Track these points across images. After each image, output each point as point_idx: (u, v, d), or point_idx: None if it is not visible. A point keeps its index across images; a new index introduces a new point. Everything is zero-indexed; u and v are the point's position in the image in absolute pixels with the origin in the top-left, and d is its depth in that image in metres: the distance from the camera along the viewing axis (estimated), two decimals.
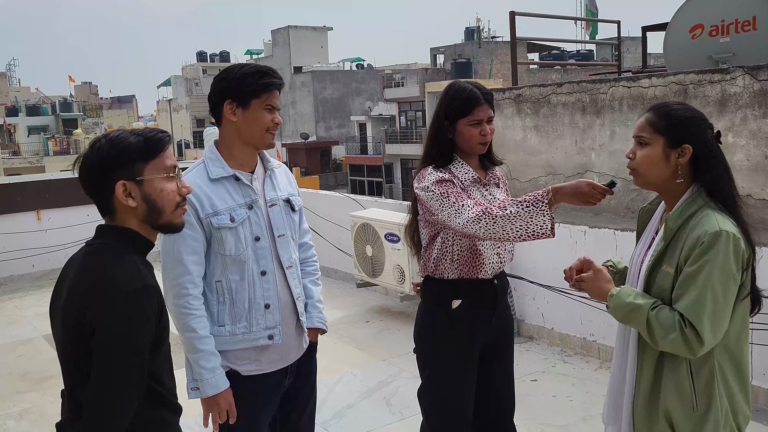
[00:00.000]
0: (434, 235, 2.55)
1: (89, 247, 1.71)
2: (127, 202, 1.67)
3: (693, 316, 1.80)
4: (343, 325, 5.85)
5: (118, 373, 1.58)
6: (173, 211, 1.74)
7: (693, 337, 1.79)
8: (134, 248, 1.70)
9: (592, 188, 2.20)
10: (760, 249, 3.81)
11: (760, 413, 3.81)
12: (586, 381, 4.48)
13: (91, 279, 1.62)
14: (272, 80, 2.30)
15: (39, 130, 53.34)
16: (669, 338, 1.81)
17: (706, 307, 1.79)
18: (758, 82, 4.39)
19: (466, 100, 2.47)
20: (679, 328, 1.81)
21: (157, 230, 1.75)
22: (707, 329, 1.79)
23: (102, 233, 1.72)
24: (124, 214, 1.70)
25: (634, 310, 1.89)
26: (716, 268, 1.80)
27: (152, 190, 1.69)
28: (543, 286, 5.03)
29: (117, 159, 1.65)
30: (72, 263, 1.72)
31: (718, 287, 1.80)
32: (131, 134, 1.70)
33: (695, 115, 1.96)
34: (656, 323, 1.84)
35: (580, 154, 5.62)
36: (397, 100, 38.45)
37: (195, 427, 3.83)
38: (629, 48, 34.15)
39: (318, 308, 2.61)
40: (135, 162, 1.66)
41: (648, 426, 1.96)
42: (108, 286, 1.59)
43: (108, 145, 1.66)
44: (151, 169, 1.68)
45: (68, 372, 1.67)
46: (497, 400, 2.73)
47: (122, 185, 1.65)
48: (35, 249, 7.72)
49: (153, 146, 1.69)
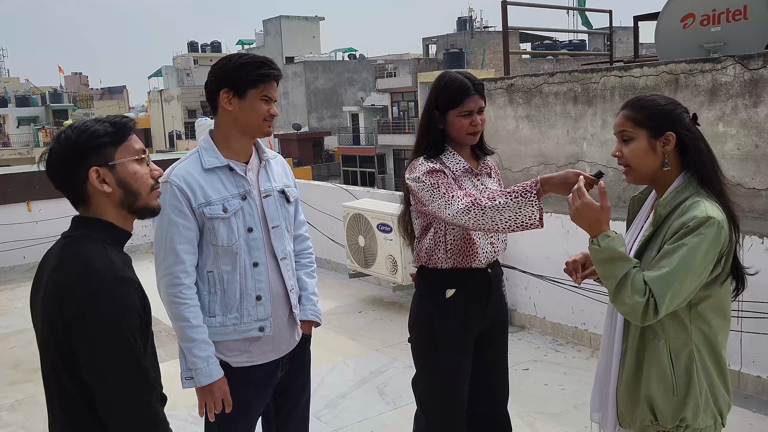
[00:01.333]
0: (427, 225, 2.56)
1: (66, 239, 1.69)
2: (102, 188, 1.65)
3: (659, 290, 1.81)
4: (336, 315, 5.86)
5: (121, 364, 1.57)
6: (149, 194, 1.72)
7: (651, 309, 1.81)
8: (111, 239, 1.69)
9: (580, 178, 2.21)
10: (750, 237, 3.83)
11: (749, 400, 3.85)
12: (577, 370, 4.51)
13: (70, 273, 1.60)
14: (270, 71, 2.29)
15: (29, 121, 53.00)
16: (633, 300, 1.82)
17: (673, 284, 1.81)
18: (749, 72, 4.40)
19: (457, 91, 2.47)
20: (646, 295, 1.82)
21: (134, 215, 1.74)
22: (664, 305, 1.81)
23: (78, 225, 1.70)
24: (100, 202, 1.68)
25: (621, 259, 1.87)
26: (694, 249, 1.81)
27: (126, 174, 1.67)
28: (535, 275, 5.05)
29: (87, 145, 1.63)
30: (49, 257, 1.70)
31: (690, 266, 1.81)
32: (96, 121, 1.68)
33: (670, 101, 1.99)
34: (629, 282, 1.84)
35: (572, 144, 5.63)
36: (389, 90, 38.37)
37: (188, 418, 3.85)
38: (621, 38, 34.16)
39: (312, 301, 2.59)
40: (105, 147, 1.65)
41: (630, 410, 1.99)
42: (89, 279, 1.58)
43: (76, 134, 1.65)
44: (121, 152, 1.67)
45: (52, 366, 1.65)
46: (491, 388, 2.74)
47: (95, 171, 1.64)
48: (26, 240, 7.69)
49: (121, 130, 1.68)
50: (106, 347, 1.56)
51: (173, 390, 2.35)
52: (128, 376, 1.58)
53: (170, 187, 2.25)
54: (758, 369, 3.91)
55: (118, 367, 1.57)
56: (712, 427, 1.94)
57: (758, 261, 3.55)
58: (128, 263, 1.70)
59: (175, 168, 2.32)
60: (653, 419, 1.94)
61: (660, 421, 1.93)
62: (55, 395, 1.68)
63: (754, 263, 2.19)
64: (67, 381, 1.62)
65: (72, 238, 1.68)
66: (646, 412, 1.95)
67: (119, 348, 1.57)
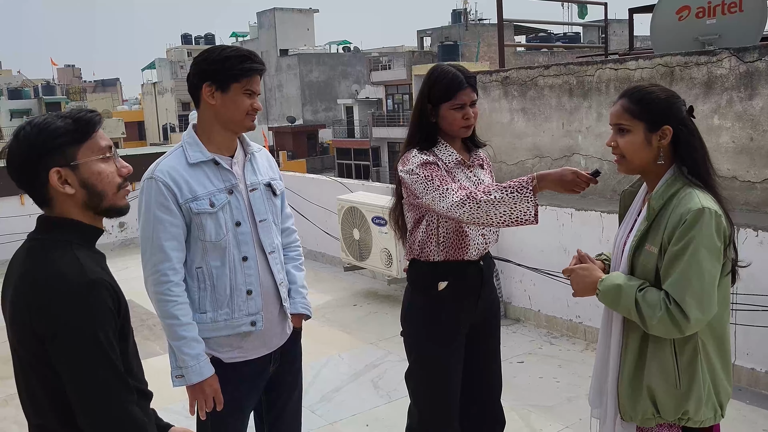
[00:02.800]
0: (419, 218, 2.54)
1: (31, 243, 1.60)
2: (64, 190, 1.56)
3: (677, 293, 1.82)
4: (331, 308, 5.85)
5: (94, 372, 1.51)
6: (115, 194, 1.63)
7: (679, 315, 1.81)
8: (81, 239, 1.60)
9: (576, 176, 2.21)
10: (744, 230, 3.84)
11: (742, 392, 3.86)
12: (572, 362, 4.51)
13: (37, 283, 1.52)
14: (253, 65, 2.24)
15: (21, 114, 52.64)
16: (657, 317, 1.83)
17: (690, 283, 1.81)
18: (744, 64, 4.40)
19: (449, 84, 2.46)
20: (664, 306, 1.82)
21: (101, 215, 1.65)
22: (692, 306, 1.81)
23: (43, 227, 1.61)
24: (63, 203, 1.58)
25: (623, 293, 1.90)
26: (701, 245, 1.82)
27: (89, 174, 1.57)
28: (530, 268, 5.05)
29: (46, 145, 1.53)
30: (15, 263, 1.61)
31: (703, 264, 1.82)
32: (58, 117, 1.57)
33: (669, 94, 1.97)
34: (644, 303, 1.86)
35: (566, 137, 5.62)
36: (383, 83, 38.29)
37: (183, 412, 3.84)
38: (615, 31, 34.14)
39: (302, 294, 2.57)
40: (67, 146, 1.55)
41: (632, 404, 1.98)
42: (57, 288, 1.50)
43: (35, 132, 1.54)
44: (84, 152, 1.57)
45: (25, 376, 1.60)
46: (484, 381, 2.74)
47: (56, 172, 1.54)
48: (19, 234, 7.63)
49: (84, 127, 1.57)
50: (82, 359, 1.50)
51: (168, 384, 2.34)
52: (107, 385, 1.53)
53: (155, 184, 2.21)
54: (752, 361, 3.92)
55: (95, 376, 1.51)
56: (712, 419, 1.95)
57: (752, 254, 3.55)
58: (100, 262, 1.63)
59: (159, 164, 2.27)
60: (655, 412, 1.94)
61: (662, 414, 1.94)
62: (30, 410, 1.63)
63: (748, 256, 2.19)
64: (41, 393, 1.58)
65: (38, 241, 1.59)
66: (648, 405, 1.95)
67: (96, 358, 1.51)
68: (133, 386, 1.61)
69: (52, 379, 1.54)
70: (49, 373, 1.54)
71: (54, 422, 1.58)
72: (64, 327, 1.49)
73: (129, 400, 1.56)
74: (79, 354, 1.50)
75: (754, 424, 3.59)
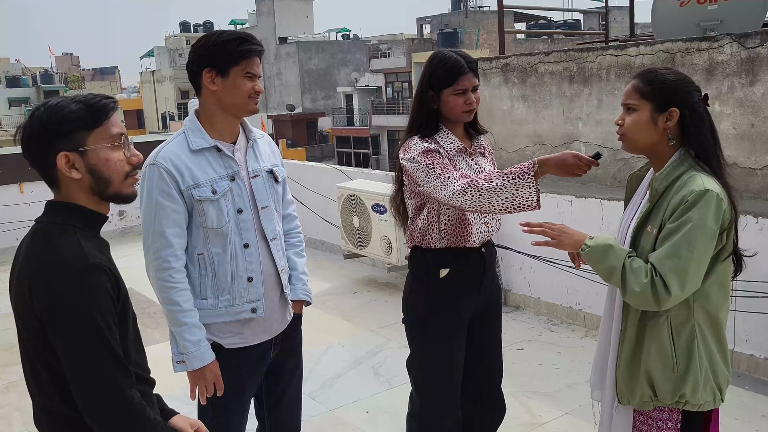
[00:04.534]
0: (421, 206, 2.54)
1: (37, 225, 1.63)
2: (70, 174, 1.57)
3: (663, 267, 1.83)
4: (331, 296, 5.86)
5: (88, 352, 1.52)
6: (122, 182, 1.64)
7: (661, 288, 1.83)
8: (85, 224, 1.62)
9: (577, 160, 2.20)
10: (744, 217, 3.84)
11: (741, 378, 3.87)
12: (571, 349, 4.53)
13: (39, 265, 1.55)
14: (251, 46, 2.23)
15: (20, 102, 52.54)
16: (640, 284, 1.84)
17: (678, 260, 1.82)
18: (745, 50, 4.38)
19: (450, 70, 2.44)
20: (649, 276, 1.84)
21: (107, 201, 1.66)
22: (674, 283, 1.82)
23: (49, 210, 1.64)
24: (70, 187, 1.61)
25: (611, 253, 1.91)
26: (696, 226, 1.82)
27: (97, 161, 1.59)
28: (530, 255, 5.06)
29: (57, 128, 1.55)
30: (22, 244, 1.64)
31: (695, 243, 1.82)
32: (72, 101, 1.58)
33: (681, 78, 1.98)
34: (629, 270, 1.87)
35: (567, 124, 5.61)
36: (383, 70, 38.13)
37: (183, 399, 3.85)
38: (616, 18, 33.98)
39: (302, 280, 2.58)
40: (77, 131, 1.56)
41: (630, 386, 1.99)
42: (56, 269, 1.52)
43: (47, 114, 1.56)
44: (95, 138, 1.58)
45: (28, 356, 1.62)
46: (485, 368, 2.75)
47: (64, 156, 1.56)
48: (19, 222, 7.63)
49: (96, 113, 1.58)
50: (78, 340, 1.52)
51: (169, 371, 2.35)
52: (102, 367, 1.54)
53: (157, 170, 2.21)
54: (751, 348, 3.93)
55: (91, 357, 1.53)
56: (711, 402, 1.95)
57: (753, 240, 3.55)
58: (102, 248, 1.64)
59: (161, 150, 2.27)
60: (653, 395, 1.95)
61: (659, 397, 1.95)
62: (35, 389, 1.65)
63: (748, 242, 2.19)
64: (43, 373, 1.59)
65: (43, 224, 1.62)
66: (645, 388, 1.96)
67: (92, 340, 1.52)
68: (133, 371, 1.62)
69: (52, 359, 1.56)
70: (49, 353, 1.56)
71: (57, 401, 1.60)
72: (60, 306, 1.51)
73: (125, 383, 1.57)
74: (75, 334, 1.52)
75: (754, 409, 3.61)
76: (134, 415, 1.57)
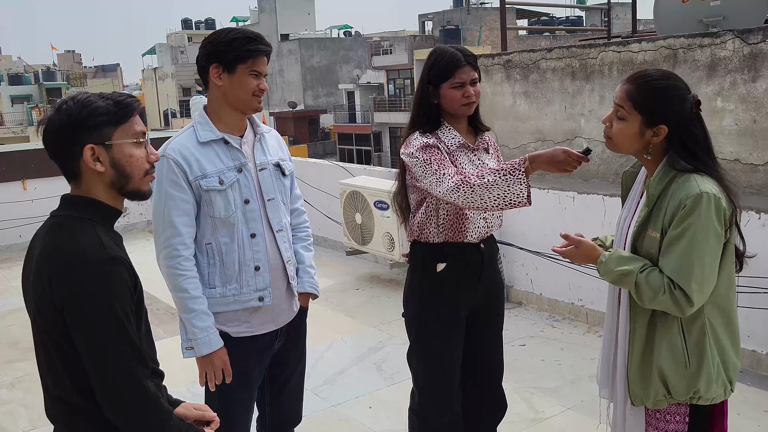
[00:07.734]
0: (421, 200, 2.56)
1: (54, 218, 1.66)
2: (95, 167, 1.62)
3: (680, 280, 1.85)
4: (333, 292, 5.87)
5: (109, 342, 1.56)
6: (141, 178, 1.69)
7: (682, 299, 1.85)
8: (101, 218, 1.66)
9: (567, 155, 2.22)
10: (747, 213, 3.84)
11: (744, 374, 3.87)
12: (574, 345, 4.53)
13: (59, 257, 1.58)
14: (259, 46, 2.30)
15: (22, 100, 52.55)
16: (658, 299, 1.87)
17: (692, 268, 1.84)
18: (748, 46, 4.37)
19: (448, 63, 2.47)
20: (668, 290, 1.86)
21: (124, 197, 1.71)
22: (695, 290, 1.84)
23: (66, 204, 1.67)
24: (91, 180, 1.65)
25: (624, 272, 1.92)
26: (699, 230, 1.83)
27: (121, 156, 1.64)
28: (532, 252, 5.06)
29: (86, 121, 1.59)
30: (37, 239, 1.67)
31: (702, 247, 1.84)
32: (100, 97, 1.63)
33: (675, 92, 1.92)
34: (645, 285, 1.88)
35: (569, 120, 5.60)
36: (385, 67, 38.11)
37: (187, 395, 3.87)
38: (618, 14, 33.91)
39: (309, 273, 2.62)
40: (104, 125, 1.61)
41: (642, 386, 1.99)
42: (78, 262, 1.56)
43: (78, 107, 1.60)
44: (120, 134, 1.63)
45: (44, 347, 1.65)
46: (487, 364, 2.76)
47: (90, 149, 1.60)
48: (22, 219, 7.67)
49: (123, 110, 1.64)
50: (99, 330, 1.56)
51: (172, 367, 2.38)
52: (122, 356, 1.58)
53: (166, 161, 2.28)
54: (753, 343, 3.93)
55: (111, 347, 1.56)
56: (722, 394, 1.97)
57: (755, 236, 3.56)
58: (118, 242, 1.68)
59: (171, 142, 2.35)
60: (666, 393, 1.96)
61: (673, 395, 1.96)
62: (49, 380, 1.67)
63: (751, 238, 2.19)
64: (59, 364, 1.62)
65: (59, 218, 1.65)
66: (659, 387, 1.96)
67: (113, 330, 1.56)
68: (149, 363, 1.66)
69: (69, 350, 1.59)
70: (66, 344, 1.59)
71: (72, 392, 1.63)
72: (82, 297, 1.55)
73: (143, 373, 1.61)
74: (96, 324, 1.55)
75: (757, 405, 3.61)
76: (151, 405, 1.61)
